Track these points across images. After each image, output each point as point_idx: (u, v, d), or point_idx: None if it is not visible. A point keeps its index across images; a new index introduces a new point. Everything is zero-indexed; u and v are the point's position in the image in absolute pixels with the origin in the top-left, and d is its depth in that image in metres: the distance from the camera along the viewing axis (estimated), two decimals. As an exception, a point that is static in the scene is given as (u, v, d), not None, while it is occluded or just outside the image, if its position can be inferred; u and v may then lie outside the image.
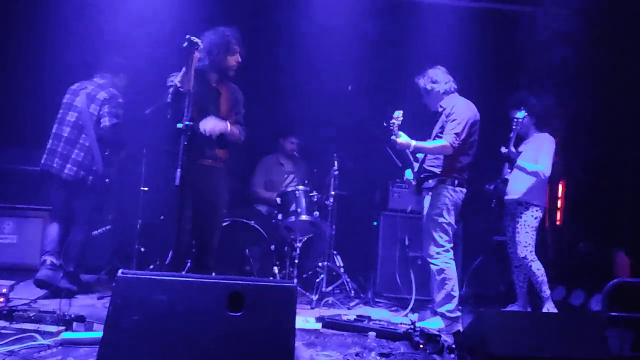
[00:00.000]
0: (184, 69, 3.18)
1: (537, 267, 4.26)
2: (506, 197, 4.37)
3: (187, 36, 3.08)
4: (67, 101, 4.39)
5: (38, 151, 4.46)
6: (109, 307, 2.37)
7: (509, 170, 4.29)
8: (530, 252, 4.26)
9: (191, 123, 2.96)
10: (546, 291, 4.27)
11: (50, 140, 4.36)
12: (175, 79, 3.25)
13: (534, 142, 4.42)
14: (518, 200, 4.36)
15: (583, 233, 5.41)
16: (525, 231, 4.29)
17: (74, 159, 4.27)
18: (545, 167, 4.28)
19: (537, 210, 4.32)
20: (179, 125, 2.91)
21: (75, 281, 4.42)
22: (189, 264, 4.56)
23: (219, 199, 3.77)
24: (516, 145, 4.31)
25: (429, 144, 4.07)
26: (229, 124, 3.56)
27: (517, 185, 4.35)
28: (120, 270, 2.46)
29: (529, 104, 4.35)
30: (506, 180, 4.30)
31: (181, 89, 3.13)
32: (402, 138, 3.97)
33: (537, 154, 4.33)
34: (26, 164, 5.06)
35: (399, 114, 3.98)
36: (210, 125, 3.44)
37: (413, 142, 3.98)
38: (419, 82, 4.21)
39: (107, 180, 4.39)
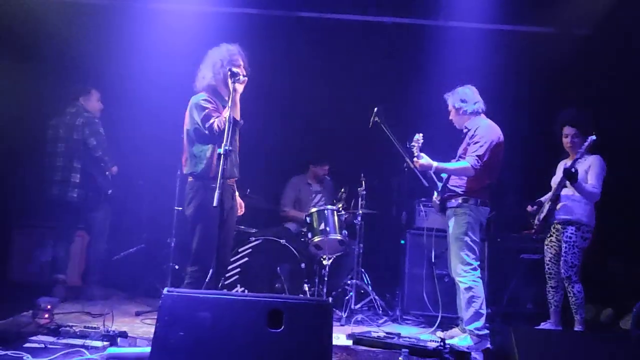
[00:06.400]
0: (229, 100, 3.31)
1: (579, 290, 4.22)
2: (557, 217, 4.33)
3: (228, 67, 3.24)
4: (51, 136, 4.97)
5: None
6: (157, 323, 2.51)
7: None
8: (575, 273, 4.22)
9: (231, 148, 3.09)
10: (582, 314, 4.25)
11: (47, 173, 4.91)
12: (225, 113, 3.34)
13: (585, 163, 4.27)
14: (570, 220, 4.28)
15: (611, 251, 5.40)
16: (573, 252, 4.22)
17: (73, 182, 4.86)
18: (598, 189, 4.21)
19: (587, 232, 4.26)
20: (219, 151, 3.05)
21: (99, 288, 4.97)
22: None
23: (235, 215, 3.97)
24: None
25: (450, 165, 4.14)
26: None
27: (568, 205, 4.29)
28: (166, 289, 2.60)
29: (582, 123, 4.29)
30: (557, 200, 4.28)
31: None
32: (424, 160, 4.08)
33: (585, 175, 4.24)
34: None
35: (419, 137, 4.13)
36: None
37: (434, 164, 4.07)
38: (448, 99, 4.28)
39: (109, 191, 4.96)
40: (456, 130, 4.33)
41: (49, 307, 3.89)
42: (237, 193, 3.89)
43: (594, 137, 4.02)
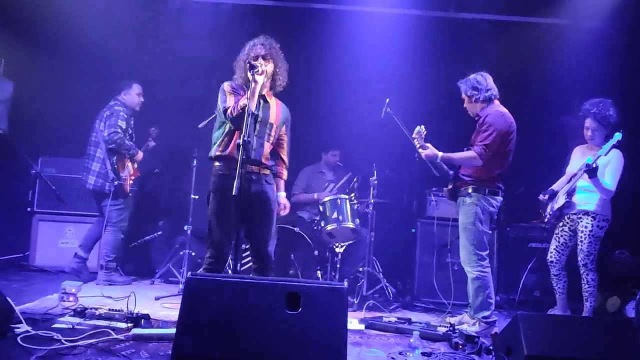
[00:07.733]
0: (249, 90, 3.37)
1: (593, 278, 4.30)
2: (573, 208, 4.36)
3: (248, 60, 3.36)
4: (94, 125, 5.24)
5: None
6: (181, 305, 2.65)
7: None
8: (592, 261, 4.29)
9: (249, 139, 3.21)
10: (592, 302, 4.33)
11: (83, 160, 5.22)
12: (242, 101, 3.39)
13: (605, 157, 4.15)
14: (586, 211, 4.31)
15: (617, 241, 5.47)
16: (589, 241, 4.27)
17: (93, 170, 5.15)
18: (613, 185, 4.21)
19: (603, 221, 4.30)
20: (238, 141, 3.17)
21: (118, 274, 5.20)
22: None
23: (271, 205, 3.70)
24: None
25: (457, 154, 4.15)
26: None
27: (585, 196, 4.33)
28: (189, 273, 2.74)
29: (602, 116, 4.27)
30: (573, 192, 4.33)
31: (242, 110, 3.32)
32: (428, 150, 4.14)
33: (603, 170, 4.20)
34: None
35: (420, 129, 4.19)
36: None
37: (440, 154, 4.11)
38: (461, 86, 4.27)
39: (116, 182, 5.08)
40: (470, 122, 4.38)
41: (73, 290, 4.07)
42: (271, 185, 3.73)
43: (619, 137, 4.00)
